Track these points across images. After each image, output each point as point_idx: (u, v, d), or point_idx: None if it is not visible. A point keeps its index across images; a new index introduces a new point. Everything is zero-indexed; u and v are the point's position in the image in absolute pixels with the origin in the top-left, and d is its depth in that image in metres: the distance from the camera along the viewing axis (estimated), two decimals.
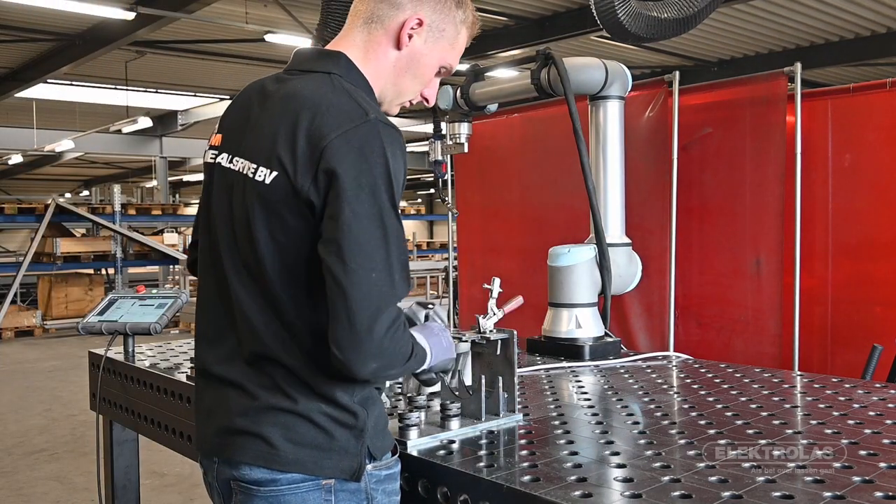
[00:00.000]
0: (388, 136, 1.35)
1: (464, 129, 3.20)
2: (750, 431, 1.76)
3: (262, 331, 1.39)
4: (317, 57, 1.50)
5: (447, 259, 10.00)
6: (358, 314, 1.27)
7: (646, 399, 2.15)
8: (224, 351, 1.45)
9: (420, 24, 1.49)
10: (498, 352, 1.83)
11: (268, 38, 11.55)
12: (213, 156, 1.52)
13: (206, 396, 1.49)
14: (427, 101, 1.64)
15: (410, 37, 1.49)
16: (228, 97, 18.23)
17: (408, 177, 1.45)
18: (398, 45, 1.50)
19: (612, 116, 3.11)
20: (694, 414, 1.95)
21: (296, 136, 1.34)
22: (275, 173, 1.35)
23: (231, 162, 1.46)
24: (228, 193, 1.45)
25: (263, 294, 1.39)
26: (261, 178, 1.37)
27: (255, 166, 1.39)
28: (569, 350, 2.81)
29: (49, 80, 14.77)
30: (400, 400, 2.10)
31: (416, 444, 1.67)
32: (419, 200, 38.20)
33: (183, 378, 2.44)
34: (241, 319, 1.42)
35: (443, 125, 3.24)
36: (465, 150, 3.21)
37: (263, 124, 1.42)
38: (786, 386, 2.30)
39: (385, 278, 1.30)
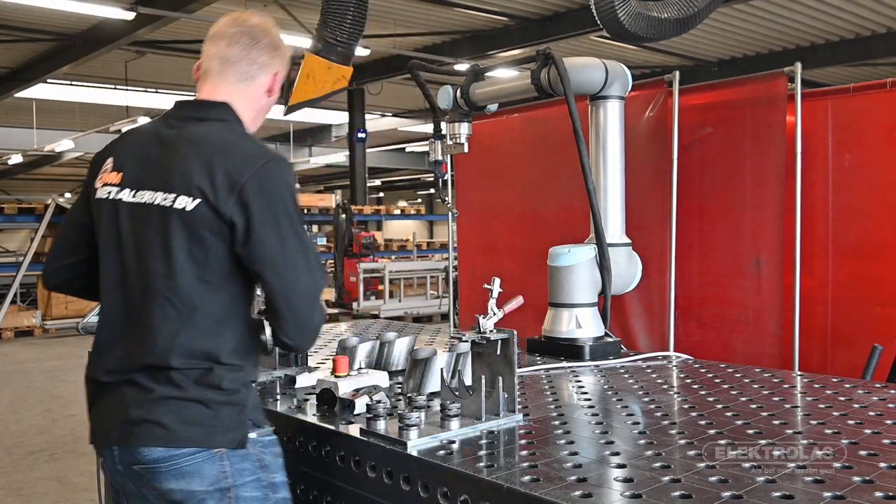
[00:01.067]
0: (287, 168, 1.73)
1: (464, 129, 3.20)
2: (750, 431, 1.76)
3: (165, 340, 1.65)
4: (205, 107, 1.82)
5: (447, 259, 10.00)
6: (299, 312, 1.68)
7: (646, 399, 2.15)
8: (124, 359, 1.69)
9: (277, 75, 1.89)
10: (498, 352, 1.83)
11: None
12: (109, 192, 1.76)
13: (102, 399, 1.73)
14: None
15: (275, 87, 1.89)
16: None
17: (408, 177, 1.57)
18: (269, 94, 1.89)
19: (612, 116, 3.11)
20: (694, 414, 1.95)
21: (213, 171, 1.64)
22: (197, 200, 1.64)
23: (135, 196, 1.72)
24: (136, 224, 1.71)
25: (175, 308, 1.66)
26: (181, 206, 1.65)
27: (173, 196, 1.67)
28: (569, 350, 2.81)
29: (49, 80, 14.77)
30: (400, 400, 2.10)
31: (416, 444, 1.66)
32: (419, 200, 38.19)
33: None
34: (146, 331, 1.67)
35: (443, 125, 3.24)
36: (465, 150, 3.21)
37: (172, 163, 1.70)
38: (786, 386, 2.30)
39: (310, 280, 1.69)
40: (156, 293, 1.67)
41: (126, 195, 1.73)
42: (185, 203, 1.64)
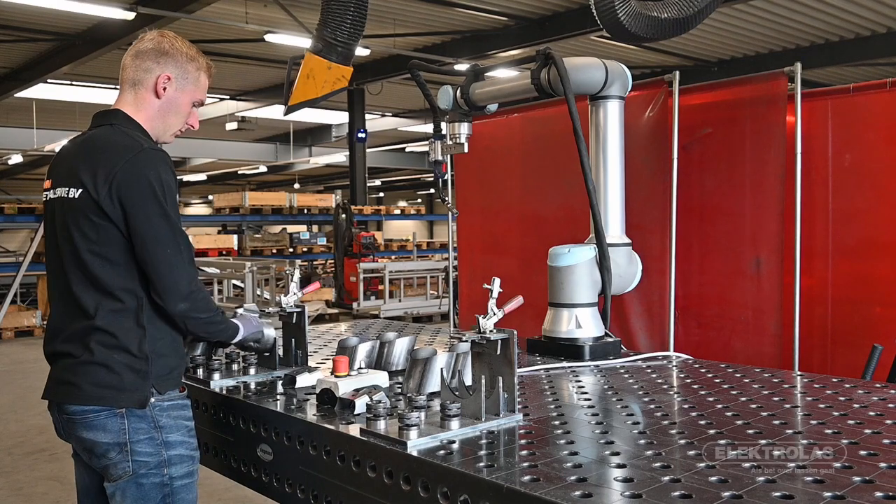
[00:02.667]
0: (158, 158, 2.02)
1: (464, 129, 3.19)
2: (750, 431, 1.76)
3: (86, 309, 1.99)
4: (103, 115, 2.16)
5: (447, 259, 10.00)
6: (166, 277, 1.98)
7: (646, 399, 2.15)
8: (65, 334, 2.03)
9: (168, 78, 2.14)
10: (498, 352, 1.83)
11: (268, 38, 11.55)
12: (46, 196, 2.14)
13: (52, 369, 2.08)
14: (193, 127, 2.28)
15: (165, 88, 2.14)
16: (228, 97, 18.23)
17: (408, 177, 1.56)
18: (158, 96, 2.15)
19: (612, 116, 3.11)
20: (694, 414, 1.95)
21: (93, 164, 1.99)
22: (80, 190, 2.00)
23: (55, 193, 2.09)
24: (54, 215, 2.09)
25: (85, 279, 2.00)
26: (72, 196, 2.02)
27: (66, 189, 2.04)
28: (569, 350, 2.81)
29: (49, 80, 14.78)
30: (400, 400, 2.10)
31: (416, 444, 1.66)
32: (419, 200, 38.18)
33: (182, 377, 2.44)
34: (74, 305, 2.01)
35: (443, 125, 3.24)
36: (465, 150, 3.21)
37: (70, 162, 2.08)
38: (786, 386, 2.30)
39: (177, 253, 1.99)
40: (70, 267, 2.02)
41: (51, 194, 2.11)
42: (74, 193, 2.01)
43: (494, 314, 1.87)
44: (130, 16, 10.24)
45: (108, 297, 1.99)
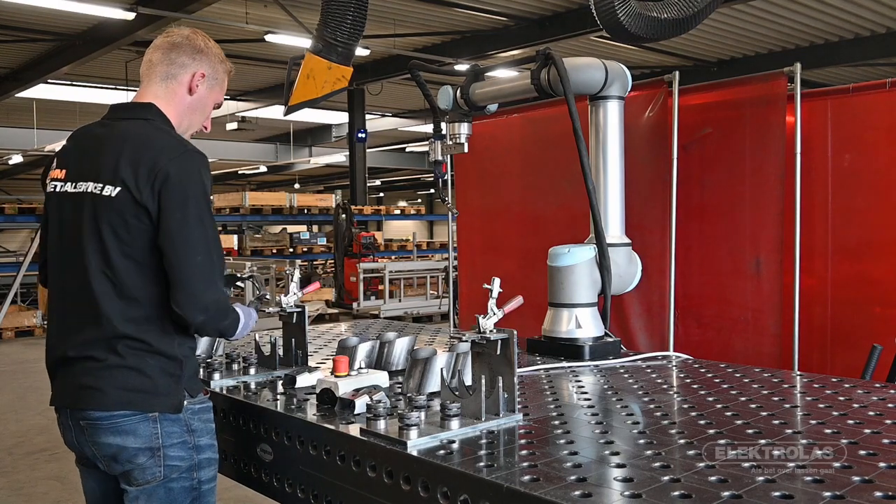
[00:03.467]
0: (201, 160, 1.95)
1: (464, 129, 3.20)
2: (750, 431, 1.76)
3: (108, 312, 1.90)
4: (132, 108, 2.07)
5: (447, 259, 10.00)
6: (189, 284, 1.88)
7: (646, 399, 2.15)
8: (82, 337, 1.93)
9: (203, 76, 2.10)
10: (498, 352, 1.83)
11: (268, 38, 11.55)
12: (56, 186, 2.02)
13: (62, 373, 1.97)
14: (206, 129, 2.23)
15: (198, 86, 2.10)
16: (228, 97, 18.21)
17: (408, 177, 1.56)
18: (190, 92, 2.10)
19: (612, 116, 3.11)
20: (694, 414, 1.95)
21: (136, 162, 1.89)
22: (119, 188, 1.89)
23: (76, 187, 1.97)
24: (74, 210, 1.96)
25: (109, 281, 1.90)
26: (108, 193, 1.90)
27: (101, 185, 1.92)
28: (569, 350, 2.81)
29: (49, 81, 14.77)
30: (400, 400, 2.10)
31: (416, 443, 1.66)
32: (419, 200, 38.18)
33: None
34: (92, 306, 1.91)
35: (443, 125, 3.24)
36: (465, 150, 3.21)
37: (102, 155, 1.95)
38: (786, 386, 2.30)
39: (207, 260, 1.91)
40: (93, 269, 1.91)
41: (68, 187, 1.99)
42: (111, 191, 1.90)
43: (494, 314, 1.87)
44: (130, 16, 10.23)
45: (134, 299, 1.91)
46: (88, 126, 2.11)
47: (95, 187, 1.93)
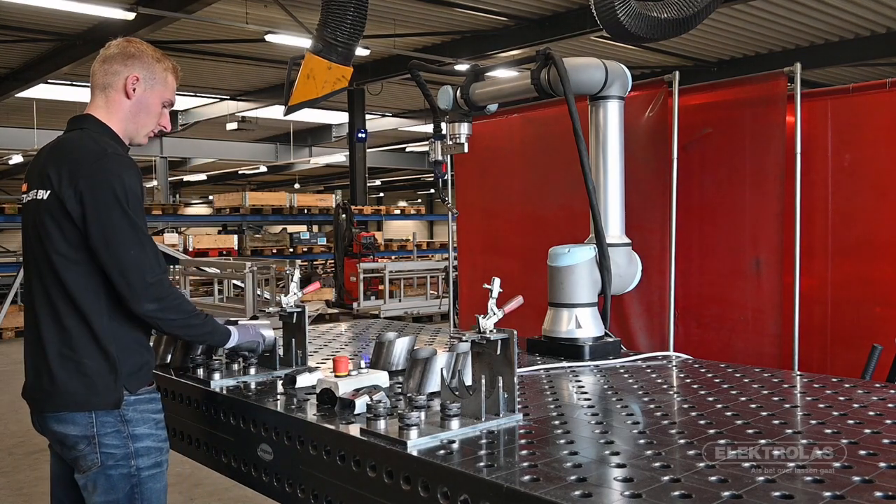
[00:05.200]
0: (121, 163, 2.08)
1: (464, 129, 3.19)
2: (750, 431, 1.76)
3: (56, 312, 2.07)
4: (73, 120, 2.24)
5: (447, 259, 10.00)
6: (130, 278, 2.01)
7: (646, 399, 2.15)
8: (31, 336, 2.17)
9: (137, 79, 2.21)
10: (498, 352, 1.83)
11: (268, 38, 11.55)
12: (23, 199, 2.20)
13: (27, 367, 2.22)
14: (165, 128, 2.33)
15: (134, 89, 2.21)
16: (228, 97, 18.23)
17: (408, 177, 1.55)
18: (128, 96, 2.21)
19: (612, 116, 3.11)
20: (694, 414, 1.95)
21: (59, 167, 2.07)
22: (48, 192, 2.08)
23: (28, 197, 2.18)
24: (27, 218, 2.17)
25: (53, 280, 2.07)
26: (41, 197, 2.10)
27: (39, 192, 2.12)
28: (569, 350, 2.81)
29: (49, 81, 14.77)
30: (400, 400, 2.10)
31: (416, 443, 1.66)
32: (419, 200, 38.18)
33: (182, 378, 2.44)
34: (42, 304, 2.10)
35: (443, 125, 3.24)
36: (465, 150, 3.21)
37: (42, 165, 2.15)
38: (786, 386, 2.30)
39: (140, 251, 2.04)
40: (40, 269, 2.10)
41: (27, 197, 2.18)
42: (43, 195, 2.09)
43: (494, 314, 1.87)
44: (130, 16, 10.23)
45: (73, 298, 2.05)
46: (51, 141, 2.28)
47: (37, 194, 2.12)
